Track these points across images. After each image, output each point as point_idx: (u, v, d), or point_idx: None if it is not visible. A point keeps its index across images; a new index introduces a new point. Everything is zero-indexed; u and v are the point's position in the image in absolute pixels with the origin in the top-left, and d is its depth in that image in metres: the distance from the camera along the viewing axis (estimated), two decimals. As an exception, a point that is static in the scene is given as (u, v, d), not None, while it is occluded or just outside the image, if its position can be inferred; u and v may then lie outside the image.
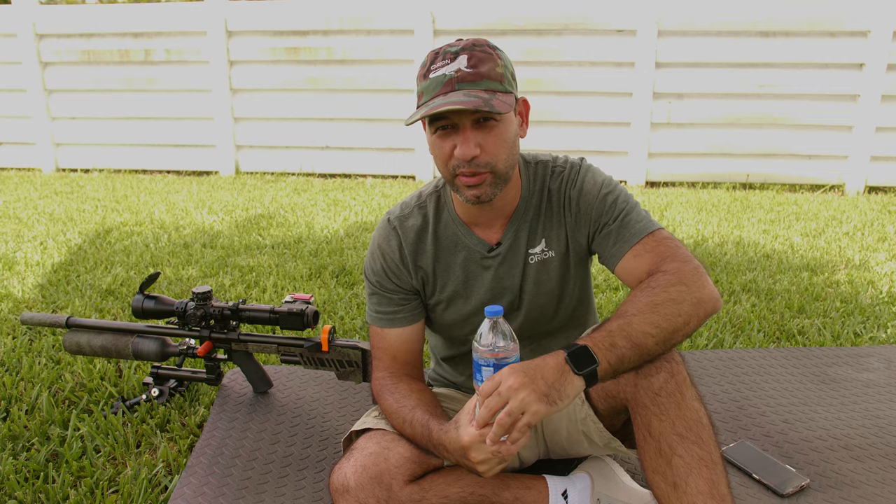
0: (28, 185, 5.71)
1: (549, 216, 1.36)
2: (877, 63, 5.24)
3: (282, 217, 4.39)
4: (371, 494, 1.18)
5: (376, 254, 1.40)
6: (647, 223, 1.28)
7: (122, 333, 1.88)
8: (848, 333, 2.45)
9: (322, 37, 5.88)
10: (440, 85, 1.17)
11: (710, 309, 1.15)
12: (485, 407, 1.04)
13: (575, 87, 5.61)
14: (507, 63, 1.23)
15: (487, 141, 1.19)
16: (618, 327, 1.08)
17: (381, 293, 1.39)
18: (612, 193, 1.31)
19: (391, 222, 1.40)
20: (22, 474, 1.56)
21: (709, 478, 1.09)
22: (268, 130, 6.17)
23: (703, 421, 1.13)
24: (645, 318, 1.09)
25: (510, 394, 1.01)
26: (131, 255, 3.43)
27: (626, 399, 1.19)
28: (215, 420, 1.81)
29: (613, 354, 1.06)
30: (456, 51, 1.19)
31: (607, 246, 1.30)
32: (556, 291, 1.40)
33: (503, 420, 1.01)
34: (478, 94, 1.15)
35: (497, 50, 1.22)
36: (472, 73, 1.17)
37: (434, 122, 1.20)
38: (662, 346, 1.10)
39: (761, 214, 4.58)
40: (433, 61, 1.20)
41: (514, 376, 1.02)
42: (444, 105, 1.13)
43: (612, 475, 1.40)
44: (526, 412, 1.01)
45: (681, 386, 1.13)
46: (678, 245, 1.24)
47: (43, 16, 6.15)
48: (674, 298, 1.11)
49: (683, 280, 1.14)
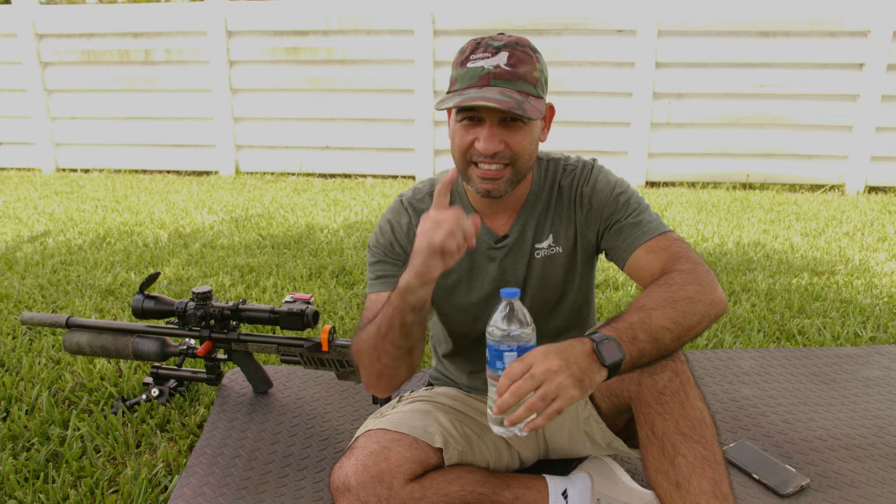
0: (28, 185, 5.71)
1: (558, 212, 1.37)
2: (877, 63, 5.24)
3: (282, 217, 4.39)
4: (372, 493, 1.18)
5: (385, 227, 1.40)
6: (659, 224, 1.30)
7: (122, 333, 1.88)
8: (848, 333, 2.45)
9: (322, 37, 5.88)
10: (476, 77, 1.18)
11: (720, 311, 1.16)
12: (512, 392, 0.97)
13: (575, 87, 5.61)
14: (543, 68, 1.24)
15: (512, 140, 1.21)
16: (639, 320, 1.07)
17: (385, 260, 1.38)
18: (624, 194, 1.33)
19: (403, 203, 1.41)
20: (22, 474, 1.56)
21: (712, 477, 1.09)
22: (268, 130, 6.17)
23: (707, 421, 1.13)
24: (664, 312, 1.08)
25: (547, 376, 0.97)
26: (131, 255, 3.43)
27: (629, 398, 1.19)
28: (215, 420, 1.81)
29: (635, 348, 1.04)
30: (498, 46, 1.19)
31: (618, 240, 1.31)
32: (559, 287, 1.40)
33: (535, 404, 0.96)
34: (512, 95, 1.16)
35: (537, 53, 1.23)
36: (509, 72, 1.18)
37: (461, 111, 1.22)
38: (677, 342, 1.10)
39: (761, 214, 4.58)
40: (473, 51, 1.21)
41: (549, 359, 0.98)
42: (478, 99, 1.14)
43: (612, 475, 1.40)
44: (559, 397, 0.97)
45: (685, 385, 1.13)
46: (690, 248, 1.26)
47: (43, 16, 6.15)
48: (690, 297, 1.11)
49: (699, 280, 1.15)
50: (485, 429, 1.44)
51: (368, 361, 1.24)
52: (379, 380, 1.27)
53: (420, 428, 1.30)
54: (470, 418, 1.43)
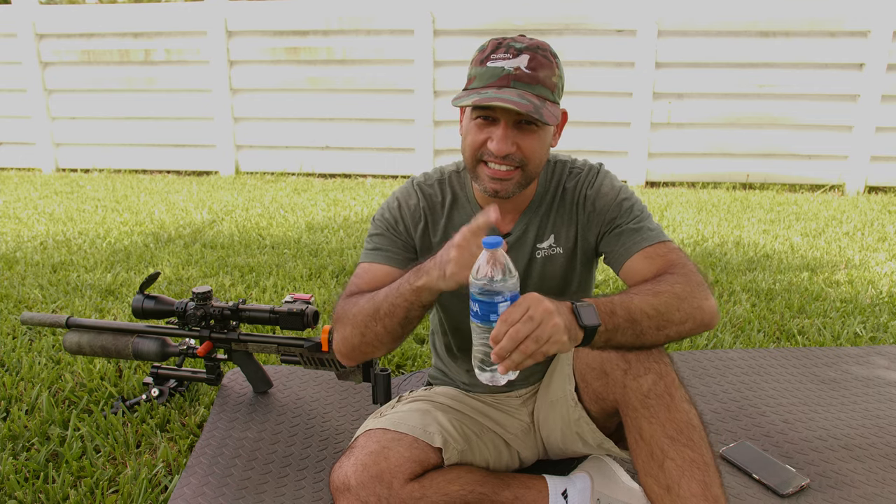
0: (28, 185, 5.71)
1: (560, 213, 1.38)
2: (877, 63, 5.24)
3: (282, 217, 4.39)
4: (372, 493, 1.18)
5: (393, 205, 1.41)
6: (660, 233, 1.30)
7: (122, 333, 1.88)
8: (848, 333, 2.45)
9: (322, 37, 5.88)
10: (496, 77, 1.18)
11: (709, 319, 1.16)
12: (510, 336, 0.96)
13: (575, 86, 5.61)
14: (561, 74, 1.25)
15: (524, 142, 1.21)
16: (619, 299, 1.09)
17: (386, 235, 1.38)
18: (628, 200, 1.34)
19: (414, 185, 1.42)
20: (22, 474, 1.56)
21: (701, 480, 1.09)
22: (268, 130, 6.17)
23: (694, 422, 1.13)
24: (645, 299, 1.10)
25: (544, 316, 0.96)
26: (131, 255, 3.43)
27: (615, 401, 1.20)
28: (215, 420, 1.81)
29: (611, 321, 1.06)
30: (520, 48, 1.20)
31: (617, 245, 1.31)
32: (559, 287, 1.41)
33: (528, 347, 0.95)
34: (530, 99, 1.16)
35: (557, 59, 1.24)
36: (529, 76, 1.18)
37: (477, 109, 1.22)
38: (656, 332, 1.11)
39: (761, 214, 4.58)
40: (494, 50, 1.21)
41: (544, 302, 0.98)
42: (496, 100, 1.15)
43: (611, 475, 1.40)
44: (551, 339, 0.96)
45: (670, 388, 1.14)
46: (688, 258, 1.26)
47: (43, 16, 6.15)
48: (677, 294, 1.13)
49: (689, 283, 1.16)
50: (485, 429, 1.44)
51: (351, 333, 1.24)
52: (353, 351, 1.27)
53: (419, 427, 1.30)
54: (469, 418, 1.44)
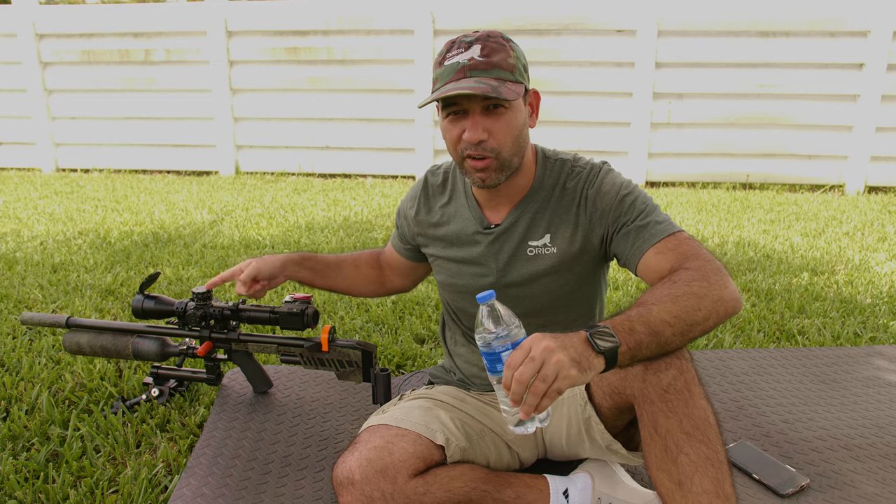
0: (28, 185, 5.71)
1: (559, 212, 1.37)
2: (877, 63, 5.24)
3: (282, 217, 4.39)
4: (376, 488, 1.18)
5: (405, 196, 1.62)
6: (669, 224, 1.28)
7: (122, 333, 1.88)
8: (848, 333, 2.45)
9: (322, 37, 5.88)
10: (453, 72, 1.22)
11: (731, 309, 1.13)
12: (516, 380, 0.95)
13: (575, 87, 5.62)
14: (519, 55, 1.27)
15: (495, 127, 1.24)
16: (637, 314, 1.06)
17: (397, 222, 1.65)
18: (630, 195, 1.32)
19: (425, 175, 1.57)
20: (22, 474, 1.56)
21: (714, 477, 1.09)
22: (268, 130, 6.17)
23: (710, 420, 1.12)
24: (664, 307, 1.07)
25: (546, 355, 0.95)
26: (131, 255, 3.43)
27: (632, 395, 1.18)
28: (215, 420, 1.81)
29: (632, 339, 1.03)
30: (470, 41, 1.24)
31: (627, 245, 1.29)
32: (548, 289, 1.39)
33: (537, 388, 0.95)
34: (487, 82, 1.19)
35: (511, 42, 1.27)
36: (483, 62, 1.21)
37: (447, 108, 1.26)
38: (680, 337, 1.08)
39: (761, 214, 4.59)
40: (449, 50, 1.25)
41: (545, 340, 0.98)
42: (454, 90, 1.18)
43: (612, 475, 1.40)
44: (559, 376, 0.95)
45: (689, 384, 1.12)
46: (701, 246, 1.24)
47: (43, 16, 6.16)
48: (695, 293, 1.10)
49: (706, 277, 1.13)
50: (486, 429, 1.44)
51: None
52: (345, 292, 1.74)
53: (422, 424, 1.30)
54: (470, 417, 1.44)
